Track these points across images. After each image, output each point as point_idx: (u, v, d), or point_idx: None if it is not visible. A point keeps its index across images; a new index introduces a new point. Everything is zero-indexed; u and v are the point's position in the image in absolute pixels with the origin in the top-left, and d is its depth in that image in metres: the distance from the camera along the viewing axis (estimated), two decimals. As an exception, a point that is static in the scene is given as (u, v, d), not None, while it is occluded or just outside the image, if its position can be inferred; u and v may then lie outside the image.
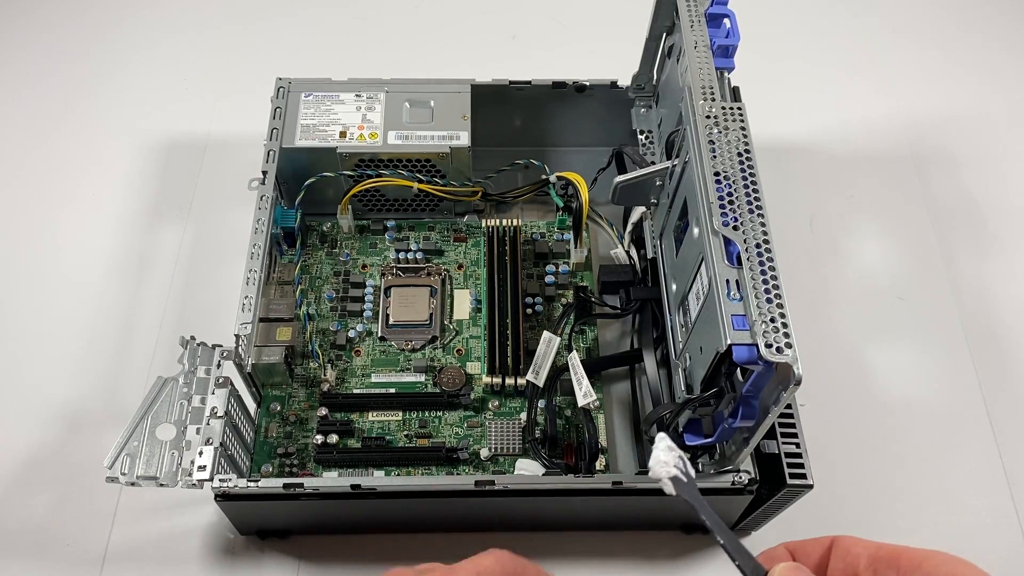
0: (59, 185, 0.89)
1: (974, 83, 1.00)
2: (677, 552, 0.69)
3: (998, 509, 0.72)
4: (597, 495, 0.60)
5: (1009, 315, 0.82)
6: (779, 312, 0.48)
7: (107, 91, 0.97)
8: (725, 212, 0.53)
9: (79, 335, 0.78)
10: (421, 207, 0.81)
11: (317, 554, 0.67)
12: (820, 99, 0.99)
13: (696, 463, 0.62)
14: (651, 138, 0.79)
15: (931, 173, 0.92)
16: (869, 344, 0.80)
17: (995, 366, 0.79)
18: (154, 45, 1.02)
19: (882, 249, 0.87)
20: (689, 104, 0.60)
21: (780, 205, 0.85)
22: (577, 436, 0.69)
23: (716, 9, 0.64)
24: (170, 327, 0.78)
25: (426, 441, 0.69)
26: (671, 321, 0.66)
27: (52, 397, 0.74)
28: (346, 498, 0.60)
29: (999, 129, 0.96)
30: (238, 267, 0.65)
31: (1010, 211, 0.90)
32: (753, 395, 0.51)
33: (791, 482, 0.57)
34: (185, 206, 0.87)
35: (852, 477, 0.72)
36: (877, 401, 0.77)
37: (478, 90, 0.78)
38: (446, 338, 0.75)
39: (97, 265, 0.83)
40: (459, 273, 0.79)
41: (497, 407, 0.71)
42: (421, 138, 0.75)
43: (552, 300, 0.77)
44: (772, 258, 0.51)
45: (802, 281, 0.83)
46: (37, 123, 0.94)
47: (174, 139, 0.93)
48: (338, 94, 0.77)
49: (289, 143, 0.74)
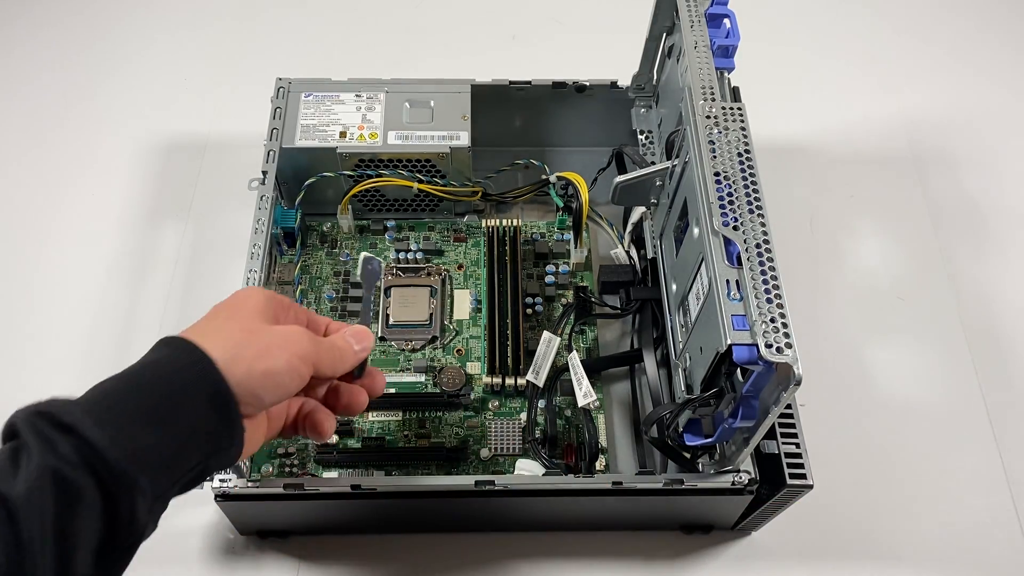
0: (59, 185, 0.89)
1: (975, 83, 1.00)
2: (677, 552, 0.69)
3: (998, 509, 0.72)
4: (597, 495, 0.60)
5: (1009, 315, 0.82)
6: (779, 312, 0.48)
7: (107, 91, 0.97)
8: (725, 212, 0.53)
9: (79, 335, 0.78)
10: (421, 207, 0.81)
11: (317, 554, 0.67)
12: (820, 99, 0.99)
13: (696, 463, 0.62)
14: (651, 138, 0.79)
15: (931, 173, 0.92)
16: (869, 344, 0.80)
17: (995, 366, 0.79)
18: (154, 45, 1.02)
19: (882, 249, 0.87)
20: (689, 104, 0.60)
21: (780, 205, 0.85)
22: (577, 436, 0.69)
23: (716, 9, 0.64)
24: (170, 327, 0.78)
25: (426, 441, 0.69)
26: (671, 321, 0.66)
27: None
28: (346, 498, 0.60)
29: (999, 129, 0.96)
30: (238, 267, 0.65)
31: (1010, 211, 0.90)
32: (753, 395, 0.51)
33: (791, 482, 0.57)
34: (185, 206, 0.87)
35: (852, 477, 0.72)
36: (877, 401, 0.77)
37: (478, 90, 0.78)
38: (446, 338, 0.75)
39: (97, 265, 0.83)
40: (459, 273, 0.79)
41: (497, 407, 0.71)
42: (421, 138, 0.75)
43: (552, 300, 0.77)
44: (772, 258, 0.51)
45: (802, 281, 0.83)
46: (37, 123, 0.94)
47: (174, 139, 0.93)
48: (338, 94, 0.77)
49: (289, 143, 0.74)
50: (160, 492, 0.39)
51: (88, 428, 0.37)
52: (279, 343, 0.46)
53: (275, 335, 0.46)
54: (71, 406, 0.38)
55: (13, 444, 0.37)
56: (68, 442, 0.36)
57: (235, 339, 0.44)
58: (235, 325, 0.46)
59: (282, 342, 0.46)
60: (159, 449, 0.39)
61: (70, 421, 0.37)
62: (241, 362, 0.43)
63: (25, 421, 0.37)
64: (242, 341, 0.44)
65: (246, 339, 0.45)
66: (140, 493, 0.38)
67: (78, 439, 0.37)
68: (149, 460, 0.38)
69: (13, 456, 0.36)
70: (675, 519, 0.68)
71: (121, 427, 0.38)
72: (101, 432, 0.37)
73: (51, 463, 0.36)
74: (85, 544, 0.36)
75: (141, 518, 0.38)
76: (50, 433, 0.37)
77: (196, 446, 0.41)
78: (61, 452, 0.36)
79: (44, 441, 0.36)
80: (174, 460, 0.40)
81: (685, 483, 0.58)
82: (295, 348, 0.46)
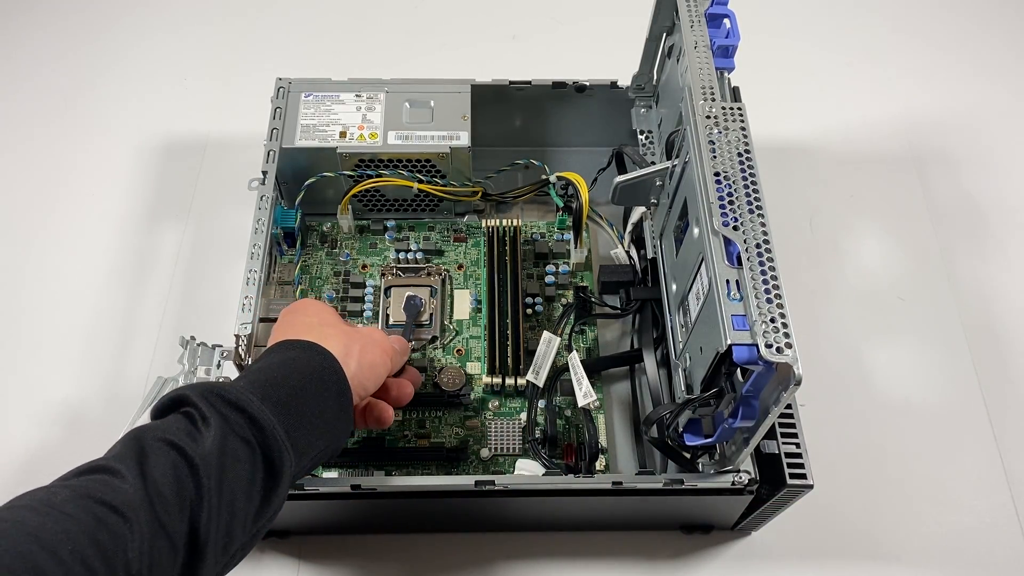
0: (59, 185, 0.89)
1: (975, 83, 1.00)
2: (677, 552, 0.69)
3: (998, 509, 0.72)
4: (597, 495, 0.60)
5: (1009, 315, 0.82)
6: (779, 312, 0.48)
7: (107, 91, 0.97)
8: (725, 212, 0.53)
9: (79, 335, 0.78)
10: (421, 207, 0.81)
11: (317, 554, 0.67)
12: (820, 99, 0.99)
13: (696, 463, 0.62)
14: (651, 138, 0.79)
15: (931, 173, 0.92)
16: (869, 344, 0.80)
17: (995, 366, 0.79)
18: (154, 45, 1.02)
19: (882, 249, 0.87)
20: (689, 104, 0.60)
21: (780, 205, 0.85)
22: (577, 436, 0.69)
23: (716, 9, 0.64)
24: (170, 327, 0.78)
25: (426, 441, 0.69)
26: (671, 321, 0.66)
27: (52, 397, 0.74)
28: (346, 498, 0.60)
29: (999, 129, 0.96)
30: (238, 267, 0.65)
31: (1010, 211, 0.90)
32: (753, 395, 0.51)
33: (791, 482, 0.57)
34: (185, 206, 0.87)
35: (852, 477, 0.72)
36: (877, 401, 0.77)
37: (478, 90, 0.78)
38: (446, 338, 0.75)
39: (97, 265, 0.83)
40: (459, 273, 0.79)
41: (497, 407, 0.71)
42: (421, 138, 0.75)
43: (552, 300, 0.77)
44: (772, 258, 0.50)
45: (802, 281, 0.83)
46: (37, 123, 0.94)
47: (174, 139, 0.93)
48: (338, 94, 0.77)
49: (289, 143, 0.74)
50: (295, 472, 0.47)
51: (257, 409, 0.45)
52: (372, 340, 0.55)
53: (365, 334, 0.56)
54: (238, 389, 0.46)
55: (188, 412, 0.44)
56: (240, 419, 0.44)
57: (342, 340, 0.53)
58: (333, 328, 0.54)
59: (373, 339, 0.55)
60: (303, 434, 0.47)
61: (242, 402, 0.45)
62: (352, 357, 0.52)
63: (201, 397, 0.44)
64: (348, 341, 0.53)
65: (350, 339, 0.54)
66: (288, 470, 0.45)
67: (247, 418, 0.44)
68: (296, 443, 0.46)
69: (194, 423, 0.44)
70: (675, 519, 0.68)
71: (278, 411, 0.46)
72: (268, 414, 0.45)
73: (228, 434, 0.43)
74: (247, 504, 0.43)
75: (283, 492, 0.46)
76: (224, 409, 0.44)
77: (325, 435, 0.49)
78: (235, 427, 0.44)
79: (221, 416, 0.44)
80: (309, 445, 0.48)
81: (685, 483, 0.58)
82: (383, 343, 0.56)
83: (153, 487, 0.39)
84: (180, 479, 0.40)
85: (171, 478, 0.40)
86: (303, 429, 0.47)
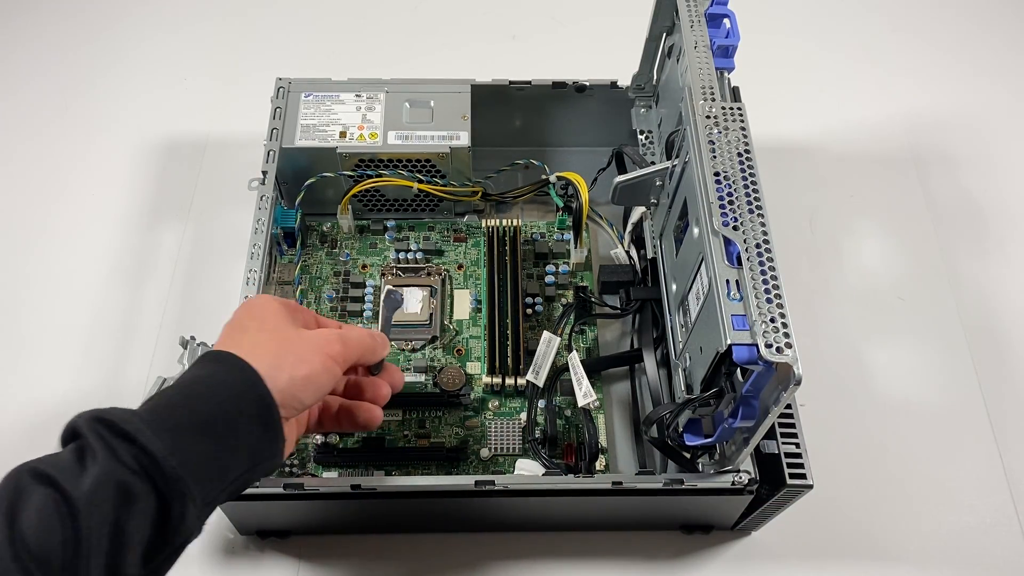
0: (59, 185, 0.89)
1: (974, 83, 1.00)
2: (677, 552, 0.69)
3: (998, 509, 0.72)
4: (597, 495, 0.60)
5: (1009, 315, 0.82)
6: (779, 312, 0.48)
7: (107, 91, 0.97)
8: (725, 212, 0.53)
9: (79, 335, 0.78)
10: (421, 207, 0.81)
11: (317, 554, 0.67)
12: (820, 99, 0.99)
13: (696, 463, 0.62)
14: (651, 138, 0.79)
15: (931, 173, 0.92)
16: (869, 344, 0.80)
17: (995, 366, 0.79)
18: (154, 45, 1.02)
19: (882, 249, 0.87)
20: (689, 104, 0.60)
21: (780, 205, 0.85)
22: (577, 436, 0.69)
23: (716, 9, 0.64)
24: (170, 327, 0.78)
25: (426, 441, 0.69)
26: (671, 321, 0.66)
27: (52, 397, 0.74)
28: (346, 498, 0.60)
29: (999, 129, 0.96)
30: (238, 267, 0.65)
31: (1010, 211, 0.90)
32: (753, 395, 0.51)
33: (791, 482, 0.57)
34: (185, 206, 0.87)
35: (852, 477, 0.72)
36: (877, 401, 0.77)
37: (478, 90, 0.78)
38: (446, 338, 0.75)
39: (97, 265, 0.83)
40: (459, 273, 0.79)
41: (497, 407, 0.71)
42: (421, 138, 0.75)
43: (552, 300, 0.77)
44: (772, 258, 0.50)
45: (802, 281, 0.83)
46: (37, 123, 0.94)
47: (174, 139, 0.93)
48: (338, 94, 0.77)
49: (289, 143, 0.74)
50: (209, 499, 0.42)
51: (147, 438, 0.40)
52: (313, 347, 0.50)
53: (307, 340, 0.50)
54: (131, 416, 0.41)
55: (77, 444, 0.40)
56: (129, 450, 0.39)
57: (273, 349, 0.48)
58: (269, 336, 0.50)
59: (315, 346, 0.50)
60: (210, 460, 0.42)
61: (131, 430, 0.40)
62: (283, 371, 0.47)
63: (89, 426, 0.40)
64: (280, 351, 0.48)
65: (284, 348, 0.49)
66: (191, 499, 0.41)
67: (138, 448, 0.40)
68: (201, 469, 0.41)
69: (79, 457, 0.39)
70: (675, 519, 0.68)
71: (176, 438, 0.41)
72: (159, 442, 0.40)
73: (114, 468, 0.39)
74: (137, 543, 0.39)
75: (190, 522, 0.41)
76: (111, 440, 0.40)
77: (244, 457, 0.44)
78: (122, 459, 0.39)
79: (107, 447, 0.39)
80: (223, 470, 0.43)
81: (685, 483, 0.58)
82: (328, 350, 0.50)
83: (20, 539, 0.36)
84: (52, 522, 0.36)
85: (43, 523, 0.36)
86: (215, 454, 0.42)
